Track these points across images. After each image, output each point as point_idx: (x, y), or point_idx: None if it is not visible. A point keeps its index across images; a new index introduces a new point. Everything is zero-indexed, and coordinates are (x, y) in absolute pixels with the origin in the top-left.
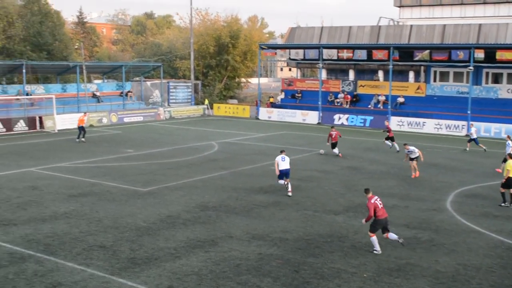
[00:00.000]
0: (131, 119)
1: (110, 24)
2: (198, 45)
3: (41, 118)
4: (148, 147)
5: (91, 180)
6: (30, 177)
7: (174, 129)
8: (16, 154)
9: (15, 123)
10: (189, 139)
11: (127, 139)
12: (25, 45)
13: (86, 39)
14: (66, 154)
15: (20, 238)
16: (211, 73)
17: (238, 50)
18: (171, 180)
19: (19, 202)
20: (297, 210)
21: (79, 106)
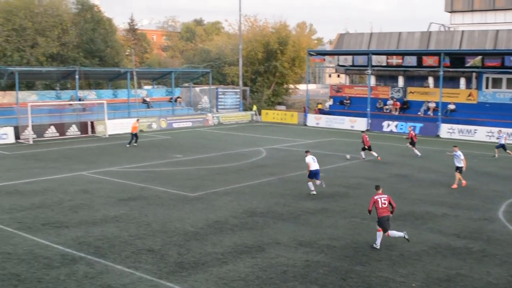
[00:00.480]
0: (180, 125)
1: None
2: (247, 52)
3: (92, 123)
4: (196, 152)
5: (141, 184)
6: (82, 181)
7: (222, 134)
8: (68, 158)
9: (68, 128)
10: (237, 145)
11: (176, 144)
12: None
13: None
14: (116, 159)
15: (72, 240)
16: (259, 79)
17: (287, 56)
18: (219, 186)
19: (71, 205)
20: (345, 217)
21: (129, 112)
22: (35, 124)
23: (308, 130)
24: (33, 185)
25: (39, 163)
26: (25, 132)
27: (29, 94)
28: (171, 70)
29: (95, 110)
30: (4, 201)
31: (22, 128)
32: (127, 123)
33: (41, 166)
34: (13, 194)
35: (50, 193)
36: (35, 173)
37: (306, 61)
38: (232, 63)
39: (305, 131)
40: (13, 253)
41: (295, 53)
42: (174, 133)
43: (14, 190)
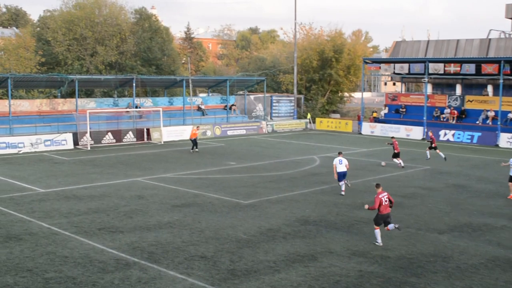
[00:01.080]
0: (234, 132)
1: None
2: (302, 60)
3: (148, 130)
4: (250, 160)
5: (194, 191)
6: (137, 187)
7: (276, 142)
8: (124, 164)
9: (125, 135)
10: (290, 152)
11: (230, 151)
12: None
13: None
14: (171, 165)
15: (126, 245)
16: (314, 87)
17: (342, 64)
18: (272, 193)
19: (126, 210)
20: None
21: (184, 119)
22: (93, 131)
23: (363, 139)
24: (90, 190)
25: (96, 168)
26: (84, 138)
27: (88, 102)
28: (226, 78)
29: (151, 117)
30: (62, 206)
31: (80, 135)
32: (182, 131)
33: (98, 171)
34: (71, 198)
35: (106, 198)
36: (92, 179)
37: (362, 69)
38: (286, 71)
39: (360, 139)
40: (70, 256)
41: (350, 61)
42: (228, 141)
43: (72, 195)
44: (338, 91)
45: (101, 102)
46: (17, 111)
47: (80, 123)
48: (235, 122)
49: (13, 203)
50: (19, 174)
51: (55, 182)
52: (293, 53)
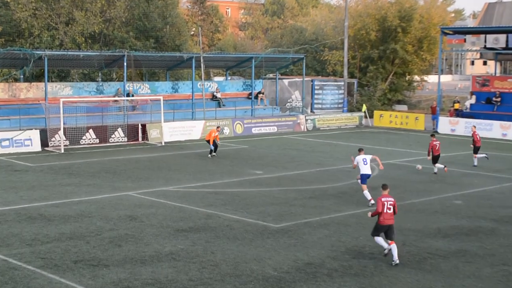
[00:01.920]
0: (261, 130)
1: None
2: (355, 30)
3: (144, 127)
4: (282, 167)
5: (206, 210)
6: (128, 204)
7: (319, 144)
8: (110, 173)
9: (111, 132)
10: (338, 158)
11: (255, 156)
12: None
13: (206, 23)
14: (174, 175)
15: (112, 284)
16: (371, 69)
17: (411, 36)
18: (312, 214)
19: (112, 236)
20: (492, 264)
21: (194, 112)
22: (68, 127)
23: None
24: (64, 208)
25: (73, 178)
26: (55, 137)
27: (62, 87)
28: (251, 56)
29: (148, 109)
30: (25, 230)
31: (51, 132)
32: (190, 128)
33: (75, 183)
34: (37, 220)
35: (86, 219)
36: (66, 192)
37: (439, 42)
38: (334, 46)
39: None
40: None
41: (423, 32)
42: (253, 141)
43: (38, 215)
44: (405, 73)
45: (80, 88)
46: None
47: (50, 117)
48: (263, 116)
49: None
50: None
51: (14, 197)
52: (342, 21)
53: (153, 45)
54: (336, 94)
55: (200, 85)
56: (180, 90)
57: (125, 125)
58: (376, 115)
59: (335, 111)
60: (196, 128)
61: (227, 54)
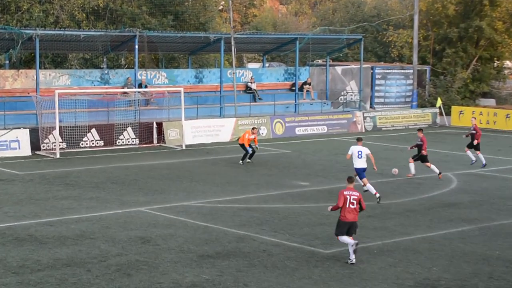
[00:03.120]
0: (307, 130)
1: None
2: (428, 4)
3: (160, 126)
4: (334, 178)
5: (238, 231)
6: (139, 222)
7: (380, 148)
8: (118, 184)
9: (119, 133)
10: (405, 166)
11: (299, 163)
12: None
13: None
14: (198, 186)
15: None
16: (449, 52)
17: (501, 10)
18: (372, 237)
19: (120, 263)
20: None
21: (222, 108)
22: (65, 126)
23: None
24: (59, 227)
25: (71, 190)
26: (49, 138)
27: (58, 76)
28: (295, 37)
29: (165, 103)
30: (10, 254)
31: (44, 132)
32: (218, 127)
33: (73, 195)
34: (26, 241)
35: (87, 241)
36: (62, 208)
37: None
38: (400, 25)
39: None
40: None
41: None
42: (297, 145)
43: (27, 236)
44: (493, 58)
45: (80, 76)
46: None
47: (43, 113)
48: (309, 113)
49: None
50: None
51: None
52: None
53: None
54: (402, 85)
55: (230, 74)
56: (205, 80)
57: (136, 123)
58: (454, 111)
59: (402, 107)
60: (225, 128)
61: (265, 34)
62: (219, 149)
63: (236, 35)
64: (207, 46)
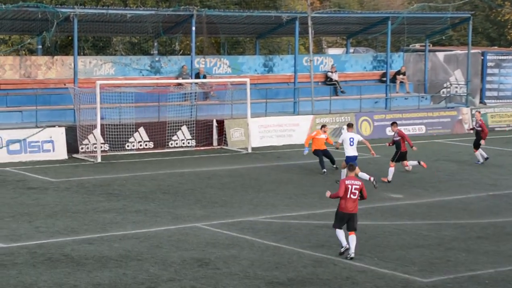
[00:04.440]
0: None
1: None
2: None
3: (221, 124)
4: (434, 189)
5: (314, 253)
6: (196, 241)
7: (492, 153)
8: (171, 194)
9: (172, 133)
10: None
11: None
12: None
13: None
14: (267, 198)
15: None
16: None
17: None
18: (483, 264)
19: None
20: None
21: (296, 102)
22: (108, 124)
23: None
24: (100, 246)
25: (113, 201)
26: (89, 138)
27: (99, 63)
28: (386, 16)
29: (226, 97)
30: (42, 277)
31: (82, 131)
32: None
33: (117, 208)
34: (60, 262)
35: (133, 263)
36: (104, 222)
37: None
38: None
39: None
40: None
41: None
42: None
43: (62, 256)
44: None
45: (126, 64)
46: None
47: (81, 108)
48: (404, 110)
49: None
50: None
51: (28, 228)
52: None
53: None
54: None
55: (306, 62)
56: (276, 69)
57: (192, 121)
58: None
59: None
60: (299, 127)
61: (349, 13)
62: (293, 153)
63: (314, 14)
64: (279, 28)
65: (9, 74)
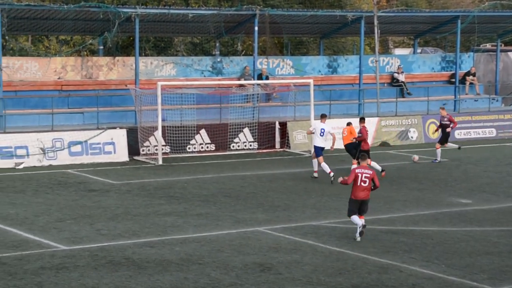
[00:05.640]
0: (469, 134)
1: None
2: None
3: (284, 126)
4: (505, 195)
5: (380, 258)
6: (258, 245)
7: None
8: (232, 197)
9: (234, 135)
10: None
11: (459, 175)
12: None
13: None
14: (330, 202)
15: None
16: None
17: None
18: None
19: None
20: None
21: (361, 104)
22: (169, 125)
23: None
24: (161, 249)
25: (175, 204)
26: (150, 140)
27: (161, 64)
28: (455, 14)
29: (289, 99)
30: (104, 280)
31: (144, 134)
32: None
33: (178, 211)
34: (122, 266)
35: (194, 267)
36: (165, 226)
37: None
38: None
39: None
40: None
41: None
42: (457, 152)
43: (124, 259)
44: None
45: (188, 65)
46: (14, 81)
47: (143, 109)
48: (474, 112)
49: (3, 272)
50: (16, 212)
51: (89, 230)
52: None
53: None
54: None
55: (372, 62)
56: (341, 70)
57: (255, 123)
58: None
59: None
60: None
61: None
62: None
63: (381, 13)
64: (344, 28)
65: (70, 75)
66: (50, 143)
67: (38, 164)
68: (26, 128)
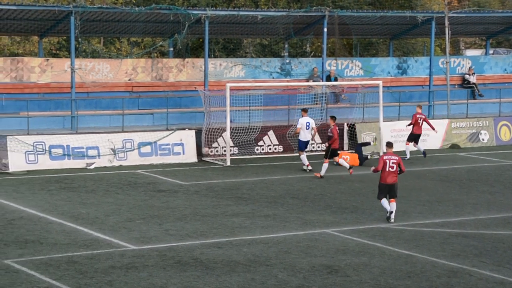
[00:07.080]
0: None
1: None
2: None
3: (352, 128)
4: None
5: (449, 262)
6: (325, 247)
7: None
8: (300, 199)
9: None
10: None
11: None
12: None
13: None
14: (398, 205)
15: None
16: None
17: None
18: None
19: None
20: None
21: (431, 106)
22: (238, 126)
23: None
24: (229, 250)
25: (242, 205)
26: (218, 142)
27: (230, 65)
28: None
29: (357, 100)
30: (172, 280)
31: (210, 135)
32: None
33: (246, 212)
34: (190, 266)
35: (262, 268)
36: (233, 226)
37: None
38: None
39: None
40: None
41: None
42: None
43: (192, 259)
44: None
45: (257, 66)
46: (86, 82)
47: (211, 111)
48: None
49: (74, 271)
50: (87, 211)
51: (158, 230)
52: None
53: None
54: None
55: (443, 63)
56: (410, 72)
57: (322, 124)
58: None
59: None
60: (434, 132)
61: (489, 12)
62: (427, 158)
63: (452, 14)
64: (414, 29)
65: (141, 77)
66: (121, 143)
67: (108, 164)
68: (97, 129)
